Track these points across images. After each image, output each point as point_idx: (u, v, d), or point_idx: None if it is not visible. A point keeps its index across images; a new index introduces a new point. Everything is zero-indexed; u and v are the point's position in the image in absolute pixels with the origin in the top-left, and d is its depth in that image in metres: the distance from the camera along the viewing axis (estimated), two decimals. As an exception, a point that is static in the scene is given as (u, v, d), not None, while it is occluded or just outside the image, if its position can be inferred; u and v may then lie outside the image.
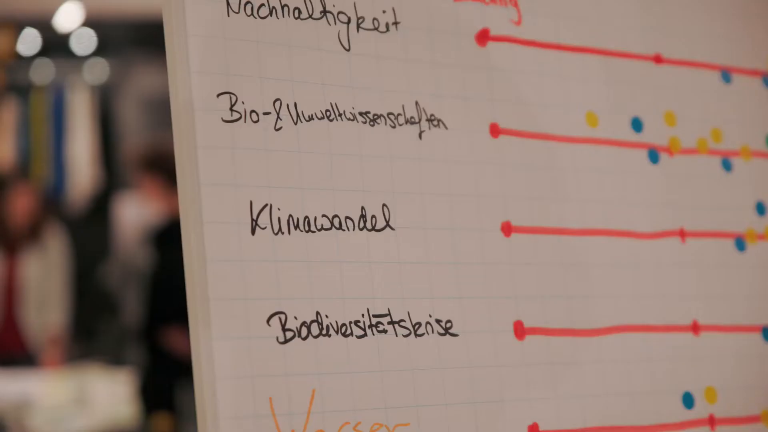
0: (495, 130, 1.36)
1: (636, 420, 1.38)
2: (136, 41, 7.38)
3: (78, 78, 7.32)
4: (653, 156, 1.49)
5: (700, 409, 1.43)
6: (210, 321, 1.12)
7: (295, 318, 1.17)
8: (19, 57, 7.13)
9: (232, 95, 1.19)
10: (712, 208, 1.52)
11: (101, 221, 7.36)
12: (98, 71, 7.41)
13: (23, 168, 6.88)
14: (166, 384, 4.17)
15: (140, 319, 4.44)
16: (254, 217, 1.17)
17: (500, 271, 1.32)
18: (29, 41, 7.26)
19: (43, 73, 7.34)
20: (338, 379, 1.18)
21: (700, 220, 1.50)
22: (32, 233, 5.36)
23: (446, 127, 1.32)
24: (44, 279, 5.35)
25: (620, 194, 1.44)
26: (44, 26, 7.08)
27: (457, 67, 1.35)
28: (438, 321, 1.27)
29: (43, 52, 7.36)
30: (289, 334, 1.17)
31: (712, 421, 1.44)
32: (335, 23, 1.27)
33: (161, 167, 4.38)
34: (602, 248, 1.41)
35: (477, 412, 1.26)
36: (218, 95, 1.18)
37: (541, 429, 1.30)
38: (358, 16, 1.29)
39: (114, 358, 5.93)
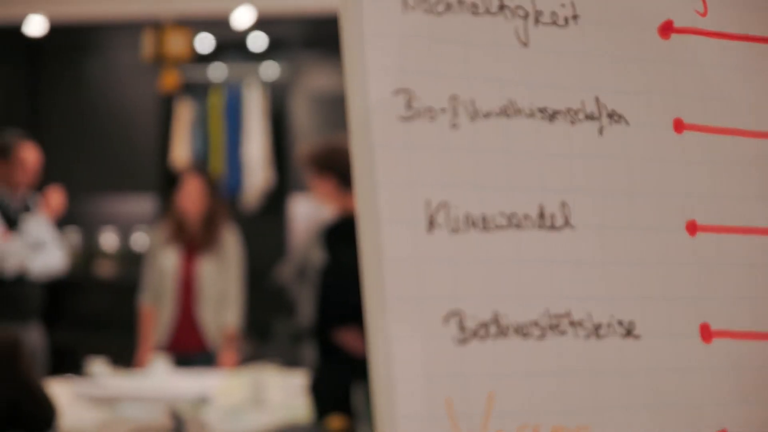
0: (679, 126, 1.32)
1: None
2: (309, 41, 7.48)
3: (252, 78, 7.45)
4: None
5: None
6: (388, 320, 1.11)
7: (473, 318, 1.15)
8: (195, 57, 7.29)
9: (408, 93, 1.17)
10: None
11: (275, 220, 7.48)
12: (272, 71, 7.53)
13: (200, 166, 7.02)
14: (341, 384, 4.20)
15: (313, 318, 4.48)
16: (431, 215, 1.16)
17: (685, 271, 1.28)
18: (205, 42, 7.43)
19: (218, 72, 7.50)
20: (517, 381, 1.16)
21: None
22: (209, 233, 5.45)
23: (628, 123, 1.29)
24: (221, 278, 5.43)
25: (812, 191, 1.38)
26: (219, 27, 7.24)
27: (638, 61, 1.31)
28: (620, 322, 1.23)
29: (219, 52, 7.52)
30: (466, 334, 1.15)
31: None
32: (513, 18, 1.25)
33: (333, 168, 4.41)
34: (793, 248, 1.35)
35: (661, 416, 1.23)
36: (394, 93, 1.17)
37: (729, 435, 1.26)
38: (537, 10, 1.27)
39: (289, 358, 6.01)
